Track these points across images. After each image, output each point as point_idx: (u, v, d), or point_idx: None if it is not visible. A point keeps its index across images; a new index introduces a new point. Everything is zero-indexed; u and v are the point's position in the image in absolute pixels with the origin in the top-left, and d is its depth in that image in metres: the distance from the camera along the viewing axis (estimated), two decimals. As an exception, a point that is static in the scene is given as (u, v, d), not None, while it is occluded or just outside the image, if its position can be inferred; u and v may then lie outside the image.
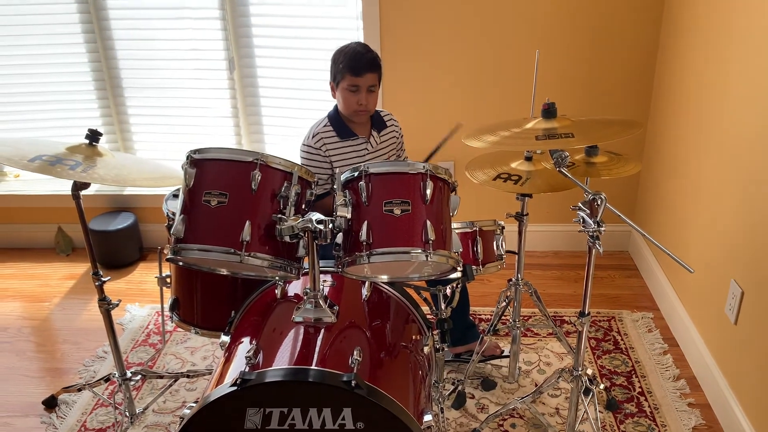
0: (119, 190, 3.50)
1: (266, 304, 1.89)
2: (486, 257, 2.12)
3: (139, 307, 3.01)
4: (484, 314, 2.90)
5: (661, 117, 2.96)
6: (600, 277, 3.16)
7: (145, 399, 2.42)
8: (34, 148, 1.86)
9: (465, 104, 3.14)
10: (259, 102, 3.34)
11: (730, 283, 2.23)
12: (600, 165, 1.99)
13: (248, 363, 1.55)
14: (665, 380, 2.47)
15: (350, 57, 2.26)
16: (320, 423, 1.53)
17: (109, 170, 1.83)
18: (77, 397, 2.45)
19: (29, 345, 2.81)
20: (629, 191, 3.28)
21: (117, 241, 3.35)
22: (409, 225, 1.62)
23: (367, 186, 1.63)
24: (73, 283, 3.26)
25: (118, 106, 3.41)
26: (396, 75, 3.08)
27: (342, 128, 2.35)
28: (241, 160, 1.65)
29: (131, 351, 2.72)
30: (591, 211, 1.73)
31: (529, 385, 2.46)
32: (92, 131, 1.91)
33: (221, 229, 1.62)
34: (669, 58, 2.88)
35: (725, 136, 2.32)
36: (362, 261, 1.61)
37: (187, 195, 1.66)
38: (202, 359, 2.66)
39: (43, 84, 3.39)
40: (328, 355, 1.61)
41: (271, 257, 1.65)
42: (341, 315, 1.75)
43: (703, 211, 2.51)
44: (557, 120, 1.80)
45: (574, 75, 3.06)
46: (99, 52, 3.28)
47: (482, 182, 2.10)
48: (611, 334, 2.75)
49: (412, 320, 1.96)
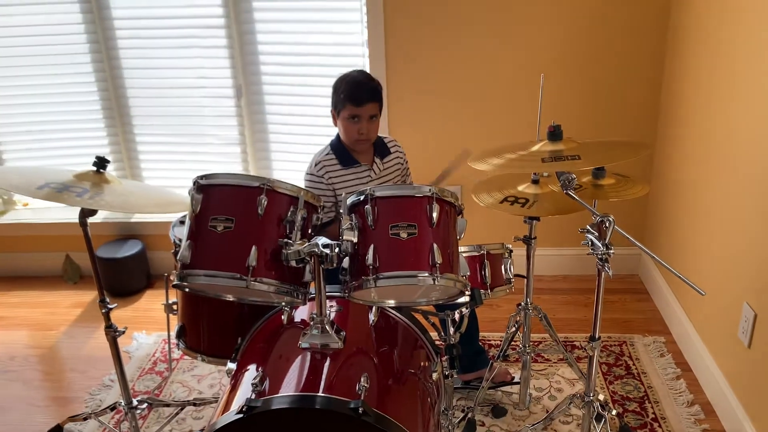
0: (127, 218, 3.51)
1: (272, 331, 1.87)
2: (494, 281, 2.10)
3: (146, 335, 3.00)
4: (494, 340, 2.86)
5: (669, 138, 2.96)
6: (610, 301, 3.12)
7: (151, 428, 2.39)
8: (42, 175, 1.87)
9: (471, 129, 3.15)
10: (267, 129, 3.36)
11: (743, 306, 2.20)
12: (607, 187, 1.98)
13: (254, 390, 1.53)
14: (679, 406, 2.43)
15: (351, 86, 2.26)
16: (327, 451, 1.50)
17: (117, 197, 1.84)
18: (83, 426, 2.43)
19: (36, 374, 2.80)
20: (638, 213, 3.26)
21: (124, 269, 3.35)
22: (416, 248, 1.60)
23: (373, 209, 1.63)
24: (81, 311, 3.26)
25: (126, 134, 3.44)
26: (401, 101, 3.10)
27: (344, 156, 2.35)
28: (248, 185, 1.65)
29: (138, 379, 2.70)
30: (599, 233, 1.72)
31: (540, 411, 2.42)
32: (100, 158, 1.92)
33: (227, 255, 1.61)
34: (676, 79, 2.88)
35: (735, 155, 2.31)
36: (369, 285, 1.60)
37: (193, 221, 1.66)
38: (209, 387, 2.63)
39: (51, 113, 3.43)
40: (335, 382, 1.58)
41: (278, 282, 1.63)
42: (348, 341, 1.72)
43: (713, 233, 2.49)
44: (563, 142, 1.80)
45: (580, 98, 3.07)
46: (107, 81, 3.32)
47: (489, 205, 2.09)
48: (623, 359, 2.71)
49: (420, 346, 1.94)
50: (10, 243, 3.58)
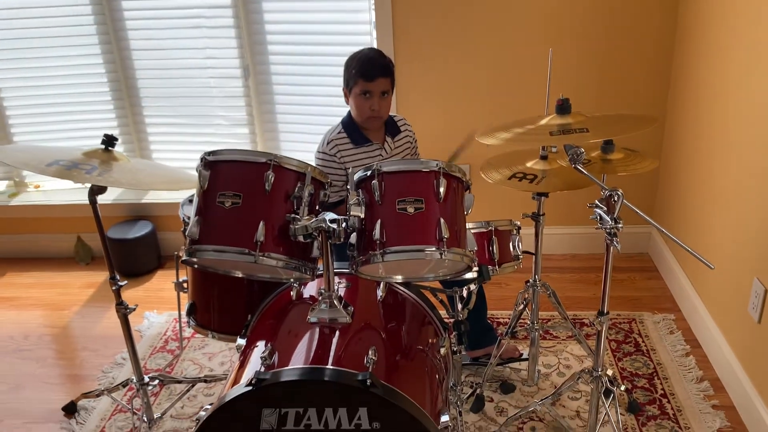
0: (137, 199, 3.53)
1: (281, 307, 1.89)
2: (502, 257, 2.10)
3: (157, 315, 3.03)
4: (502, 318, 2.87)
5: (680, 112, 2.93)
6: (620, 279, 3.12)
7: (163, 404, 2.42)
8: (51, 154, 1.89)
9: (479, 106, 3.13)
10: (275, 109, 3.36)
11: (753, 281, 2.19)
12: (616, 161, 1.96)
13: (264, 363, 1.55)
14: (688, 382, 2.43)
15: (363, 62, 2.26)
16: (336, 423, 1.52)
17: (125, 174, 1.85)
18: (96, 402, 2.47)
19: (49, 352, 2.84)
20: (648, 189, 3.23)
21: (135, 249, 3.37)
22: (423, 223, 1.61)
23: (380, 185, 1.63)
24: (93, 292, 3.29)
25: (135, 115, 3.45)
26: (409, 80, 3.09)
27: (356, 134, 2.35)
28: (255, 161, 1.65)
29: (149, 357, 2.73)
30: (608, 207, 1.71)
31: (549, 388, 2.43)
32: (108, 136, 1.93)
33: (236, 230, 1.62)
34: (687, 51, 2.84)
35: (747, 129, 2.29)
36: (376, 260, 1.60)
37: (201, 197, 1.67)
38: (220, 365, 2.66)
39: (60, 95, 3.44)
40: (344, 355, 1.60)
41: (286, 257, 1.64)
42: (356, 316, 1.74)
43: (724, 208, 2.47)
44: (571, 116, 1.79)
45: (589, 73, 3.04)
46: (116, 63, 3.33)
47: (497, 182, 2.08)
48: (632, 336, 2.70)
49: (428, 322, 1.95)
50: (23, 225, 3.61)
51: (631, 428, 2.23)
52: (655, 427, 2.23)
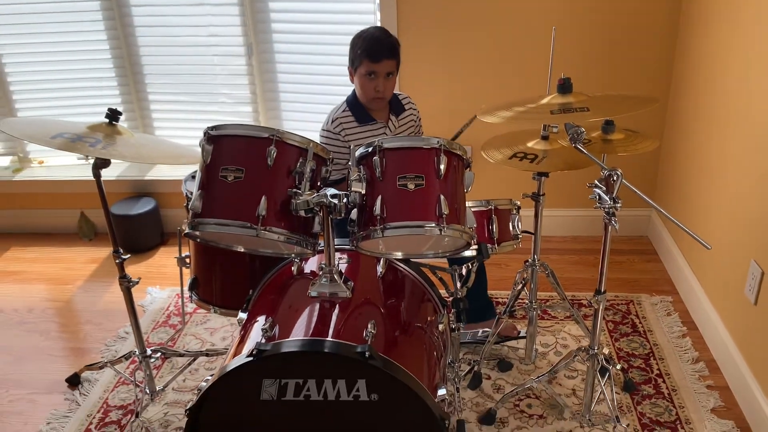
0: (140, 176, 3.55)
1: (283, 282, 1.91)
2: (501, 236, 2.12)
3: (159, 290, 3.06)
4: (501, 298, 2.89)
5: (682, 94, 2.93)
6: (618, 262, 3.14)
7: (165, 377, 2.46)
8: (55, 127, 1.90)
9: (482, 85, 3.13)
10: (278, 87, 3.36)
11: (750, 263, 2.21)
12: (617, 142, 1.97)
13: (264, 335, 1.57)
14: (684, 363, 2.46)
15: (369, 42, 2.25)
16: (335, 394, 1.55)
17: (129, 148, 1.87)
18: (99, 375, 2.50)
19: (53, 325, 2.87)
20: (649, 172, 3.24)
21: (138, 226, 3.40)
22: (423, 199, 1.62)
23: (381, 161, 1.64)
24: (96, 267, 3.32)
25: (138, 92, 3.46)
26: (413, 58, 3.08)
27: (361, 113, 2.36)
28: (258, 136, 1.67)
29: (152, 332, 2.76)
30: (607, 187, 1.72)
31: (546, 366, 2.46)
32: (112, 110, 1.94)
33: (238, 204, 1.64)
34: (691, 32, 2.83)
35: (748, 112, 2.29)
36: (376, 235, 1.62)
37: (204, 171, 1.69)
38: (222, 339, 2.69)
39: (65, 71, 3.45)
40: (343, 329, 1.62)
41: (287, 232, 1.66)
42: (356, 291, 1.76)
43: (723, 191, 2.48)
44: (573, 95, 1.80)
45: (592, 52, 3.03)
46: (120, 39, 3.33)
47: (498, 162, 2.10)
48: (629, 318, 2.73)
49: (427, 299, 1.97)
50: (27, 200, 3.63)
51: (626, 406, 2.26)
52: (650, 406, 2.26)
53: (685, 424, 2.18)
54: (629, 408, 2.25)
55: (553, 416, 2.22)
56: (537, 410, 2.25)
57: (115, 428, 2.26)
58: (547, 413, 2.23)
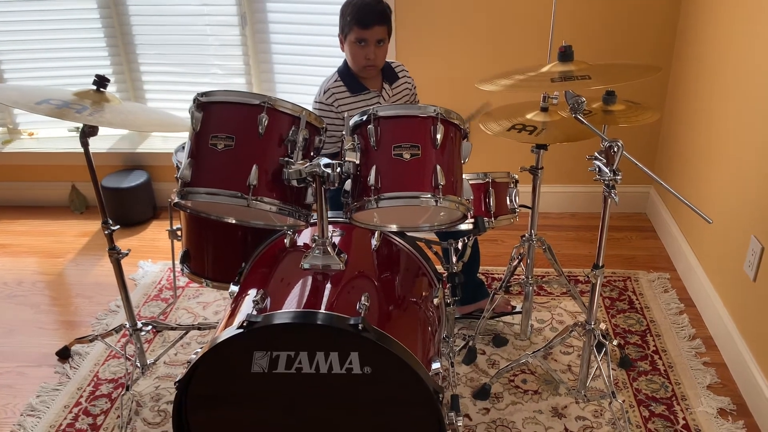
0: (132, 148, 3.49)
1: (275, 254, 1.88)
2: (498, 210, 2.08)
3: (151, 263, 3.02)
4: (497, 273, 2.86)
5: (685, 65, 2.87)
6: (616, 238, 3.11)
7: (156, 351, 2.43)
8: (41, 93, 1.85)
9: (481, 54, 3.06)
10: (272, 59, 3.30)
11: (751, 239, 2.18)
12: (618, 113, 1.93)
13: (255, 307, 1.54)
14: (680, 339, 2.44)
15: (358, 9, 2.20)
16: (327, 367, 1.52)
17: (117, 115, 1.81)
18: (90, 348, 2.47)
19: (43, 298, 2.84)
20: (650, 145, 3.19)
21: (130, 199, 3.35)
22: (419, 169, 1.58)
23: (376, 130, 1.60)
24: (87, 240, 3.28)
25: (130, 62, 3.39)
26: (410, 27, 3.02)
27: (353, 83, 2.31)
28: (249, 102, 1.62)
29: (143, 305, 2.73)
30: (607, 159, 1.68)
31: (541, 342, 2.44)
32: (100, 77, 1.88)
33: (228, 173, 1.60)
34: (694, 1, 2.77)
35: (749, 86, 2.25)
36: (370, 206, 1.58)
37: (194, 139, 1.64)
38: (214, 314, 2.66)
39: (54, 40, 3.38)
40: (336, 301, 1.59)
41: (279, 202, 1.62)
42: (350, 264, 1.72)
43: (724, 165, 2.44)
44: (574, 63, 1.75)
45: (594, 22, 2.96)
46: (111, 8, 3.26)
47: (496, 134, 2.04)
48: (626, 294, 2.71)
49: (422, 273, 1.94)
50: (16, 172, 3.57)
51: (621, 383, 2.24)
52: (646, 382, 2.24)
53: (681, 400, 2.16)
54: (625, 384, 2.24)
55: (549, 392, 2.20)
56: (532, 386, 2.23)
57: (105, 401, 2.23)
58: (542, 389, 2.22)
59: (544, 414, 2.12)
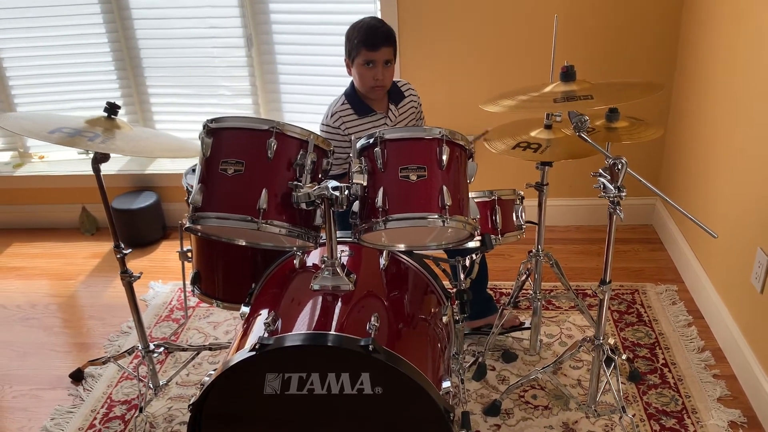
0: (141, 170, 3.53)
1: (285, 275, 1.90)
2: (505, 227, 2.10)
3: (162, 284, 3.05)
4: (505, 288, 2.88)
5: (687, 81, 2.89)
6: (623, 251, 3.11)
7: (168, 372, 2.45)
8: (54, 121, 1.89)
9: (484, 75, 3.10)
10: (278, 79, 3.34)
11: (757, 251, 2.19)
12: (621, 130, 1.95)
13: (267, 329, 1.56)
14: (689, 352, 2.44)
15: (365, 31, 2.24)
16: (339, 388, 1.54)
17: (128, 142, 1.85)
18: (103, 370, 2.50)
19: (56, 321, 2.87)
20: (654, 160, 3.21)
21: (140, 220, 3.38)
22: (426, 190, 1.60)
23: (383, 152, 1.62)
24: (98, 262, 3.31)
25: (138, 85, 3.44)
26: (414, 49, 3.06)
27: (359, 105, 2.34)
28: (257, 128, 1.65)
29: (155, 326, 2.76)
30: (611, 176, 1.70)
31: (551, 357, 2.45)
32: (111, 104, 1.92)
33: (238, 197, 1.63)
34: (695, 19, 2.79)
35: (753, 99, 2.26)
36: (378, 227, 1.60)
37: (204, 164, 1.67)
38: (225, 333, 2.68)
39: (63, 65, 3.43)
40: (346, 322, 1.61)
41: (288, 225, 1.65)
42: (359, 284, 1.75)
43: (729, 178, 2.46)
44: (576, 83, 1.77)
45: (595, 41, 3.00)
46: (119, 32, 3.31)
47: (501, 152, 2.07)
48: (634, 307, 2.71)
49: (431, 291, 1.96)
50: (27, 195, 3.62)
51: (631, 396, 2.25)
52: (656, 396, 2.25)
53: (691, 413, 2.17)
54: (635, 398, 2.24)
55: (559, 407, 2.21)
56: (542, 401, 2.24)
57: (119, 423, 2.25)
58: (553, 404, 2.22)
59: (555, 429, 2.12)
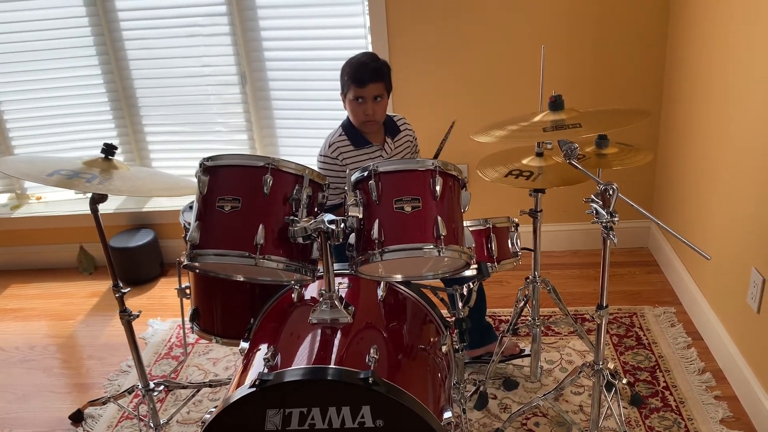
0: (138, 208, 3.55)
1: (283, 309, 1.90)
2: (501, 254, 2.11)
3: (161, 322, 3.05)
4: (504, 315, 2.88)
5: (675, 106, 2.94)
6: (620, 274, 3.13)
7: (169, 410, 2.44)
8: (51, 164, 1.91)
9: (475, 106, 3.15)
10: (272, 114, 3.38)
11: (752, 271, 2.20)
12: (611, 156, 1.98)
13: (266, 365, 1.56)
14: (690, 374, 2.44)
15: (354, 68, 2.29)
16: (340, 422, 1.53)
17: (125, 182, 1.87)
18: (103, 410, 2.48)
19: (55, 362, 2.86)
20: (645, 184, 3.25)
21: (137, 258, 3.39)
22: (420, 221, 1.62)
23: (377, 185, 1.65)
24: (97, 301, 3.31)
25: (134, 124, 3.48)
26: (405, 82, 3.11)
27: (356, 137, 2.37)
28: (253, 165, 1.68)
29: (154, 364, 2.75)
30: (603, 202, 1.72)
31: (552, 383, 2.44)
32: (108, 145, 1.95)
33: (236, 234, 1.65)
34: (680, 46, 2.86)
35: (742, 120, 2.30)
36: (375, 259, 1.62)
37: (201, 202, 1.69)
38: (224, 369, 2.68)
39: (59, 107, 3.47)
40: (346, 355, 1.61)
41: (286, 259, 1.66)
42: (358, 316, 1.75)
43: (721, 200, 2.49)
44: (565, 112, 1.81)
45: (583, 69, 3.06)
46: (114, 72, 3.36)
47: (494, 180, 2.10)
48: (633, 330, 2.72)
49: (429, 320, 1.97)
50: (25, 237, 3.63)
51: (634, 421, 2.24)
52: (658, 419, 2.24)
53: (694, 436, 2.16)
54: (637, 422, 2.24)
55: (562, 434, 2.20)
56: (545, 428, 2.23)
57: (120, 464, 2.24)
58: (555, 431, 2.21)
59: (559, 457, 2.11)
